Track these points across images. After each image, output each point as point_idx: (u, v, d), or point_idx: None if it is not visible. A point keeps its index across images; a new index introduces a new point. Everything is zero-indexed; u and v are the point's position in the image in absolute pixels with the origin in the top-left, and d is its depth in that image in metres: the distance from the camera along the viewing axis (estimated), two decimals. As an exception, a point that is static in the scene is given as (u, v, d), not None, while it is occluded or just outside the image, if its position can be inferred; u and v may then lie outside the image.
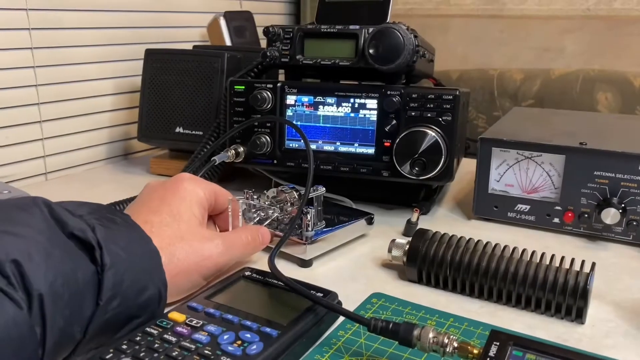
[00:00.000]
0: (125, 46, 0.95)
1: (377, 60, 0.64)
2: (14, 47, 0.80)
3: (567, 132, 0.73)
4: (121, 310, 0.39)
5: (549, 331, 0.46)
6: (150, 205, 0.48)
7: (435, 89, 0.66)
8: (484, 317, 0.48)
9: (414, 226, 0.64)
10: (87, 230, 0.38)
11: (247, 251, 0.52)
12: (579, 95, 1.10)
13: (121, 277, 0.39)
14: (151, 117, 0.87)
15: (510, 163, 0.67)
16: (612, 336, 0.45)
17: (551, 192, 0.66)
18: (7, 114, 0.80)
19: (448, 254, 0.51)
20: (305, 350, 0.42)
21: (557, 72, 1.14)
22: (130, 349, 0.38)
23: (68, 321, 0.36)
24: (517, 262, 0.49)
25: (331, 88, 0.69)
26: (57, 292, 0.35)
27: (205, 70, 0.83)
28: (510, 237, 0.65)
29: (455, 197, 0.80)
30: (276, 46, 0.70)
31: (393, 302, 0.50)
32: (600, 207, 0.62)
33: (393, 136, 0.66)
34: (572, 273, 0.47)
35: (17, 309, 0.32)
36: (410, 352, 0.42)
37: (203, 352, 0.38)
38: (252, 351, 0.38)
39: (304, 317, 0.43)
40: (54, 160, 0.88)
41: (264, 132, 0.71)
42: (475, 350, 0.37)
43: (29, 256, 0.34)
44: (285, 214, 0.59)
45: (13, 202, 0.39)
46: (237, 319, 0.42)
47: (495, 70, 1.20)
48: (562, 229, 0.66)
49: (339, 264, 0.58)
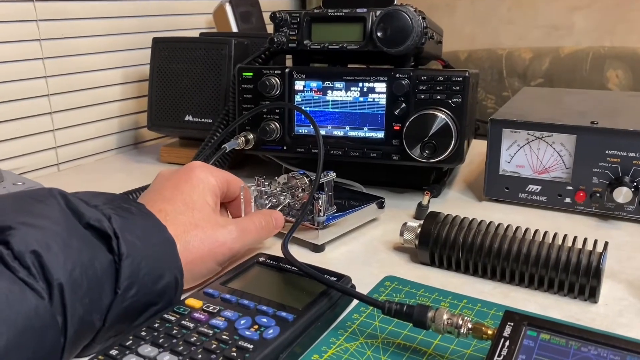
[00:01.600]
0: (132, 35, 0.95)
1: (386, 43, 0.63)
2: (23, 40, 0.80)
3: (577, 112, 0.72)
4: (139, 298, 0.40)
5: (563, 311, 0.46)
6: (163, 194, 0.48)
7: (444, 70, 0.66)
8: (497, 298, 0.48)
9: (425, 209, 0.64)
10: (104, 220, 0.39)
11: (261, 236, 0.53)
12: (589, 73, 1.09)
13: (138, 266, 0.39)
14: (160, 106, 0.87)
15: (521, 144, 0.67)
16: (625, 315, 0.46)
17: (562, 172, 0.65)
18: (18, 106, 0.81)
19: (460, 236, 0.51)
20: (320, 334, 0.43)
21: (567, 50, 1.13)
22: (149, 336, 0.39)
23: (88, 310, 0.36)
24: (530, 243, 0.49)
25: (339, 72, 0.68)
26: (76, 281, 0.35)
27: (212, 57, 0.83)
28: (522, 218, 0.65)
29: (465, 179, 0.80)
30: (283, 31, 0.70)
31: (406, 284, 0.50)
32: (612, 186, 0.62)
33: (403, 119, 0.65)
34: (584, 253, 0.47)
35: (39, 298, 0.33)
36: (425, 333, 0.42)
37: (221, 337, 0.39)
38: (269, 335, 0.39)
39: (319, 301, 0.44)
40: (66, 151, 0.89)
41: (273, 119, 0.71)
42: (490, 331, 0.37)
43: (48, 247, 0.35)
44: (297, 200, 0.59)
45: (29, 194, 0.39)
46: (253, 304, 0.43)
47: (503, 50, 1.19)
48: (574, 208, 0.65)
49: (351, 248, 0.58)
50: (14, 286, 0.32)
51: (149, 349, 0.37)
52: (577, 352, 0.35)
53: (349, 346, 0.41)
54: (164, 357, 0.37)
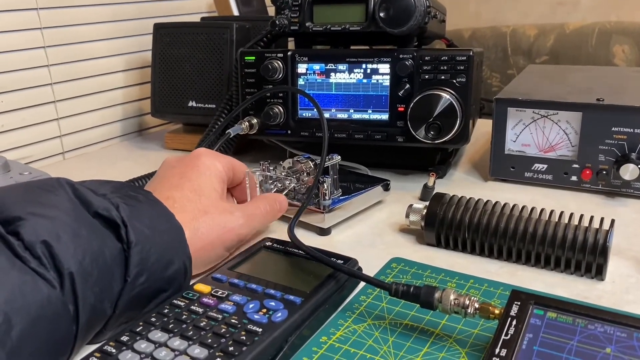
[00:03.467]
0: (132, 21, 0.95)
1: (388, 23, 0.63)
2: (24, 28, 0.80)
3: (583, 89, 0.72)
4: (148, 285, 0.40)
5: (570, 289, 0.46)
6: (171, 181, 0.48)
7: (448, 50, 0.65)
8: (503, 278, 0.48)
9: (431, 190, 0.64)
10: (112, 209, 0.39)
11: (267, 220, 0.53)
12: (594, 49, 1.07)
13: (147, 254, 0.40)
14: (163, 93, 0.87)
15: (527, 122, 0.66)
16: (632, 291, 0.46)
17: (568, 150, 0.65)
18: (21, 95, 0.81)
19: (466, 217, 0.51)
20: (328, 316, 0.43)
21: (572, 26, 1.11)
22: (159, 321, 0.39)
23: (99, 298, 0.37)
24: (536, 222, 0.49)
25: (342, 54, 0.68)
26: (87, 270, 0.36)
27: (214, 42, 0.82)
28: (528, 197, 0.65)
29: (471, 159, 0.80)
30: (285, 14, 0.69)
31: (412, 266, 0.50)
32: (618, 163, 0.61)
33: (407, 101, 0.65)
34: (591, 231, 0.47)
35: (51, 288, 0.34)
36: (432, 314, 0.43)
37: (230, 321, 0.39)
38: (277, 318, 0.39)
39: (326, 284, 0.44)
40: (71, 139, 0.89)
41: (277, 103, 0.70)
42: (497, 311, 0.37)
43: (58, 237, 0.35)
44: (302, 184, 0.59)
45: (37, 184, 0.40)
46: (261, 288, 0.43)
47: (508, 27, 1.18)
48: (580, 186, 0.65)
49: (357, 230, 0.58)
50: (26, 276, 0.33)
51: (159, 335, 0.38)
52: (584, 329, 0.35)
53: (356, 328, 0.42)
54: (174, 342, 0.37)
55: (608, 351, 0.33)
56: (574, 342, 0.34)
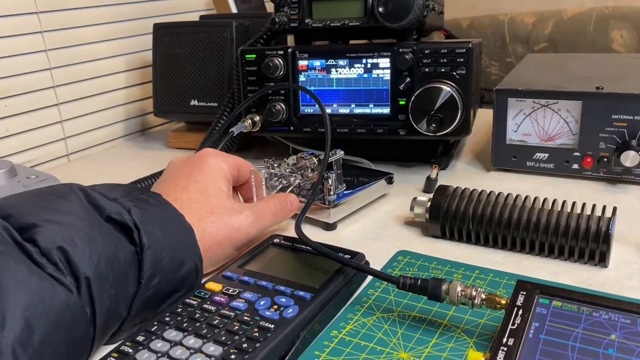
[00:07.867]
0: (131, 22, 0.95)
1: (387, 18, 0.63)
2: (25, 33, 0.80)
3: (582, 77, 0.72)
4: (162, 287, 0.41)
5: (574, 276, 0.47)
6: (177, 183, 0.49)
7: (447, 42, 0.66)
8: (508, 267, 0.49)
9: (434, 182, 0.65)
10: (124, 213, 0.40)
11: (277, 219, 0.54)
12: (593, 34, 1.07)
13: (160, 256, 0.40)
14: (165, 92, 0.87)
15: (527, 112, 0.67)
16: (635, 277, 0.47)
17: (569, 139, 0.66)
18: (24, 99, 0.82)
19: (470, 208, 0.52)
20: (338, 310, 0.44)
21: (570, 12, 1.11)
22: (173, 321, 0.40)
23: (114, 300, 0.38)
24: (539, 211, 0.50)
25: (342, 50, 0.68)
26: (102, 274, 0.37)
27: (214, 40, 0.83)
28: (530, 186, 0.65)
29: (472, 149, 0.80)
30: (284, 11, 0.70)
31: (419, 258, 0.51)
32: (619, 150, 0.62)
33: (408, 94, 0.66)
34: (593, 218, 0.48)
35: (68, 292, 0.35)
36: (439, 305, 0.43)
37: (242, 318, 0.40)
38: (288, 314, 0.40)
39: (335, 279, 0.45)
40: (75, 141, 0.90)
41: (279, 100, 0.71)
42: (503, 301, 0.38)
43: (73, 242, 0.36)
44: (307, 180, 0.60)
45: (50, 190, 0.40)
46: (271, 284, 0.44)
47: (505, 15, 1.18)
48: (582, 174, 0.66)
49: (363, 225, 0.59)
50: (45, 282, 0.34)
51: (174, 334, 0.39)
52: (589, 317, 0.36)
53: (366, 321, 0.43)
54: (189, 341, 0.38)
55: (613, 338, 0.34)
56: (580, 330, 0.35)
